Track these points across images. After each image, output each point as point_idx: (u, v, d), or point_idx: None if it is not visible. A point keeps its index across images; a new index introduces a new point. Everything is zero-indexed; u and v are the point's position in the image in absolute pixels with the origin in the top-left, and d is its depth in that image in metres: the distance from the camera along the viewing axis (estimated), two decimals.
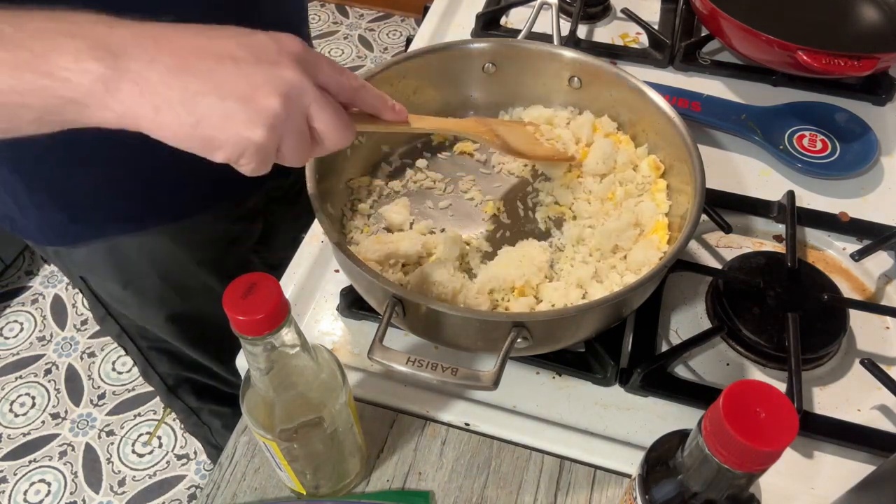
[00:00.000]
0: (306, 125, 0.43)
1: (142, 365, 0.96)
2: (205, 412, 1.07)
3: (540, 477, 0.57)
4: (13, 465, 1.52)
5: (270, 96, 0.40)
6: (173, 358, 0.95)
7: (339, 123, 0.44)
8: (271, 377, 0.43)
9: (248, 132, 0.40)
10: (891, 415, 0.60)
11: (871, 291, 0.69)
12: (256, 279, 0.39)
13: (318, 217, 0.55)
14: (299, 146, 0.43)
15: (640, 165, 0.69)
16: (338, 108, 0.44)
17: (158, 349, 0.93)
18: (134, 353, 0.94)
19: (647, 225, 0.64)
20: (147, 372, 0.98)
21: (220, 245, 0.83)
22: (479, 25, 0.95)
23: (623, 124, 0.71)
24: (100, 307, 0.86)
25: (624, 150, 0.69)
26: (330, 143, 0.45)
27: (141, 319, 0.87)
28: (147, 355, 0.94)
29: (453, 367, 0.48)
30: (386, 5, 2.57)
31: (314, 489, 0.54)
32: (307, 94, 0.42)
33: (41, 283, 1.83)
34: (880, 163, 0.81)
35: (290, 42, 0.43)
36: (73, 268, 0.80)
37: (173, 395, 1.02)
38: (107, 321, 0.88)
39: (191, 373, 0.98)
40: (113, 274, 0.78)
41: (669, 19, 0.97)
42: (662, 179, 0.67)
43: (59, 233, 0.73)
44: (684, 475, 0.39)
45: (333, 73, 0.45)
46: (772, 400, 0.34)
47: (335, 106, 0.44)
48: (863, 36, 0.89)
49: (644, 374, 0.60)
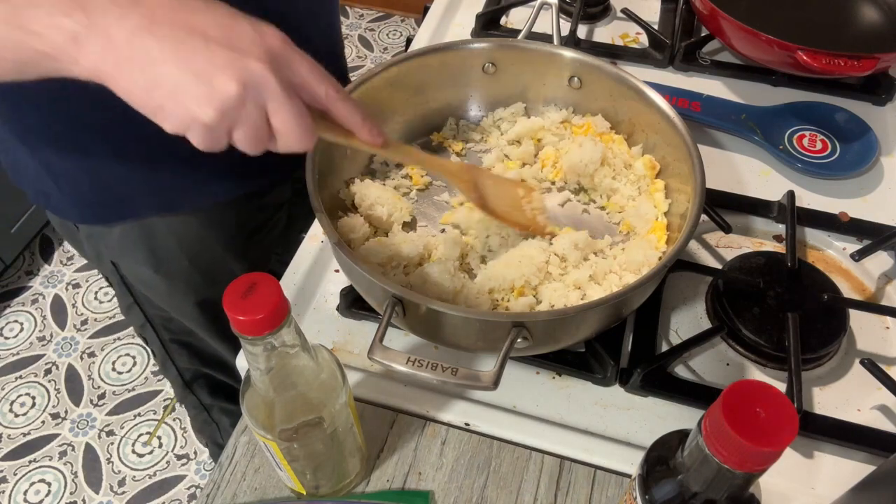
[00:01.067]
0: (263, 119, 0.43)
1: (161, 357, 0.97)
2: (215, 409, 1.08)
3: (540, 477, 0.57)
4: (13, 465, 1.52)
5: (228, 81, 0.40)
6: (193, 352, 0.96)
7: (298, 126, 0.44)
8: (271, 377, 0.43)
9: (196, 110, 0.41)
10: (891, 415, 0.60)
11: (871, 291, 0.69)
12: (256, 279, 0.39)
13: (318, 217, 0.55)
14: (252, 137, 0.43)
15: (634, 165, 0.69)
16: (299, 111, 0.44)
17: (179, 342, 0.94)
18: (155, 344, 0.94)
19: (645, 225, 0.64)
20: (166, 364, 0.98)
21: (246, 232, 0.83)
22: (479, 25, 0.95)
23: (622, 124, 0.71)
24: (128, 295, 0.86)
25: (617, 149, 0.70)
26: (284, 144, 0.45)
27: (168, 306, 0.87)
28: (168, 348, 0.95)
29: (453, 368, 0.48)
30: (386, 5, 2.57)
31: (314, 489, 0.54)
32: (268, 89, 0.42)
33: (41, 283, 1.83)
34: (880, 163, 0.81)
35: (271, 36, 0.43)
36: (106, 251, 0.80)
37: (188, 390, 1.03)
38: (133, 310, 0.89)
39: (208, 368, 0.99)
40: (145, 257, 0.78)
41: (669, 19, 0.97)
42: (659, 179, 0.67)
43: (94, 211, 0.74)
44: (684, 475, 0.39)
45: (309, 77, 0.44)
46: (772, 400, 0.34)
47: (297, 108, 0.44)
48: (863, 36, 0.89)
49: (644, 374, 0.60)
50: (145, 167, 0.70)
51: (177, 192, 0.73)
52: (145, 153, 0.68)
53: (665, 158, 0.67)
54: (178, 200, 0.74)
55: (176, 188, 0.73)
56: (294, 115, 0.43)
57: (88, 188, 0.71)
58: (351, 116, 0.49)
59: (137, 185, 0.71)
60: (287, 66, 0.43)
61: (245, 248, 0.84)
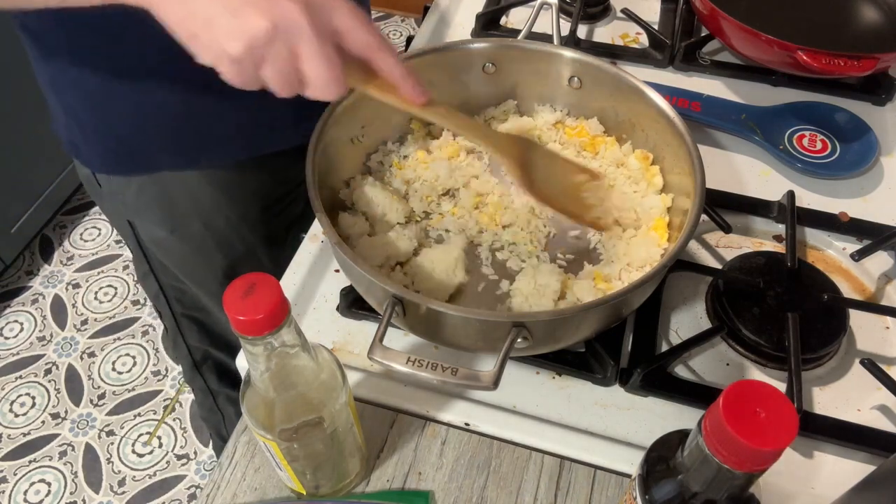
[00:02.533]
0: (292, 61, 0.44)
1: (172, 332, 0.98)
2: (222, 397, 1.08)
3: (540, 477, 0.57)
4: (13, 465, 1.52)
5: (259, 18, 0.41)
6: (203, 329, 0.96)
7: (327, 75, 0.44)
8: (271, 377, 0.43)
9: (225, 42, 0.42)
10: (891, 415, 0.60)
11: (871, 291, 0.69)
12: (256, 279, 0.39)
13: (318, 217, 0.55)
14: (281, 78, 0.44)
15: (627, 162, 0.69)
16: (329, 59, 0.44)
17: (191, 318, 0.95)
18: (168, 317, 0.95)
19: (647, 220, 0.64)
20: (176, 341, 0.99)
21: (261, 204, 0.84)
22: (479, 25, 0.95)
23: (622, 124, 0.71)
24: (144, 261, 0.87)
25: (610, 151, 0.70)
26: (312, 91, 0.45)
27: (182, 273, 0.88)
28: (179, 322, 0.95)
29: (453, 367, 0.48)
30: (386, 5, 2.57)
31: (314, 489, 0.54)
32: (300, 32, 0.42)
33: (41, 283, 1.83)
34: (880, 163, 0.81)
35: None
36: (124, 210, 0.81)
37: (196, 372, 1.03)
38: (148, 279, 0.90)
39: (217, 350, 1.00)
40: (160, 217, 0.80)
41: (669, 19, 0.97)
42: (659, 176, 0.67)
43: (116, 161, 0.75)
44: (684, 475, 0.39)
45: (352, 24, 0.45)
46: (772, 400, 0.34)
47: (328, 55, 0.44)
48: (863, 36, 0.90)
49: (644, 374, 0.60)
50: (162, 118, 0.70)
51: (193, 147, 0.74)
52: (164, 103, 0.69)
53: (665, 158, 0.67)
54: (192, 155, 0.75)
55: (192, 143, 0.74)
56: (324, 61, 0.44)
57: (108, 136, 0.72)
58: (394, 69, 0.48)
59: (155, 137, 0.72)
60: (326, 11, 0.43)
61: (260, 221, 0.84)
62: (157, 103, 0.69)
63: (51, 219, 1.92)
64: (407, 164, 0.71)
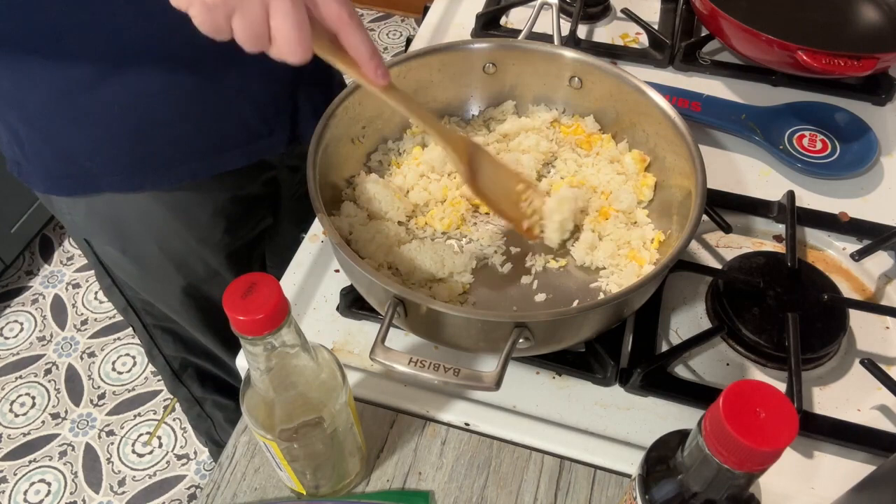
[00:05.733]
0: (262, 15, 0.43)
1: (147, 344, 0.96)
2: (208, 403, 1.07)
3: (540, 477, 0.57)
4: (13, 465, 1.52)
5: None
6: (178, 339, 0.95)
7: (295, 35, 0.44)
8: (271, 377, 0.43)
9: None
10: (891, 415, 0.60)
11: (871, 291, 0.69)
12: (256, 279, 0.39)
13: (318, 217, 0.55)
14: (249, 31, 0.44)
15: (623, 160, 0.69)
16: (299, 20, 0.44)
17: (164, 328, 0.93)
18: (140, 330, 0.94)
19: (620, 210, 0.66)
20: (152, 353, 0.97)
21: (221, 227, 0.81)
22: (479, 25, 0.95)
23: (622, 124, 0.71)
24: (105, 276, 0.86)
25: (605, 148, 0.70)
26: (277, 50, 0.45)
27: (144, 291, 0.86)
28: (152, 333, 0.94)
29: (455, 368, 0.48)
30: (386, 5, 2.57)
31: (314, 489, 0.54)
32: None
33: (41, 283, 1.83)
34: (880, 163, 0.81)
35: None
36: (77, 229, 0.79)
37: (178, 381, 1.02)
38: (113, 292, 0.88)
39: (196, 358, 0.98)
40: (111, 237, 0.77)
41: (669, 19, 0.97)
42: (650, 174, 0.68)
43: (56, 183, 0.73)
44: (684, 475, 0.39)
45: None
46: (772, 400, 0.34)
47: (298, 16, 0.44)
48: (863, 36, 0.90)
49: (644, 374, 0.60)
50: (105, 137, 0.69)
51: (137, 169, 0.72)
52: (106, 122, 0.67)
53: (666, 158, 0.67)
54: (137, 178, 0.72)
55: (136, 165, 0.71)
56: (294, 22, 0.43)
57: (50, 157, 0.70)
58: (359, 46, 0.48)
59: (97, 157, 0.70)
60: None
61: (223, 244, 0.82)
62: (97, 123, 0.67)
63: (51, 219, 1.92)
64: (404, 160, 0.71)
